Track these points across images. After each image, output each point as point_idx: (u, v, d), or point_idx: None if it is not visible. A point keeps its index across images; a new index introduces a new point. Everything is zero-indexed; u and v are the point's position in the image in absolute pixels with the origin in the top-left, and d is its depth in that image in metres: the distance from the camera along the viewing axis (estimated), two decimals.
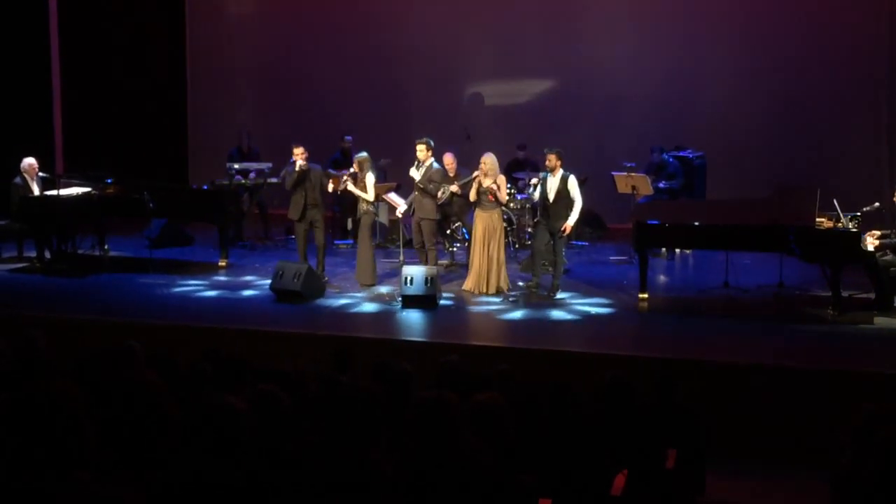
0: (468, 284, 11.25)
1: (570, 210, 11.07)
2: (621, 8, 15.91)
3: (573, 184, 11.11)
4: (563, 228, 11.06)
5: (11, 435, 2.86)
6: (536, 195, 11.25)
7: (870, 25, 14.96)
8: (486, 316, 10.49)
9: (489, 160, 11.14)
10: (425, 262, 11.40)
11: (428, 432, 4.03)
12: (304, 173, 11.55)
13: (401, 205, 12.33)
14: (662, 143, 13.86)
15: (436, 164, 11.66)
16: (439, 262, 12.26)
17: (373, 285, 11.50)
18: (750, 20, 15.43)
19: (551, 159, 11.05)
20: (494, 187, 11.10)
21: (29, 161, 12.76)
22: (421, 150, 11.58)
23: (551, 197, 11.03)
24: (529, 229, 12.96)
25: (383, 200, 12.59)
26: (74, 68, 16.73)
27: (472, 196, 11.21)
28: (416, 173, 11.59)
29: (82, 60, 16.79)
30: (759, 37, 15.36)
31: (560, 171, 11.06)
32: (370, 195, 11.46)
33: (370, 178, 11.48)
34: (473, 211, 11.40)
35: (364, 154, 11.66)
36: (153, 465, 3.41)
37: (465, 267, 11.68)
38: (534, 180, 11.09)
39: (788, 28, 15.25)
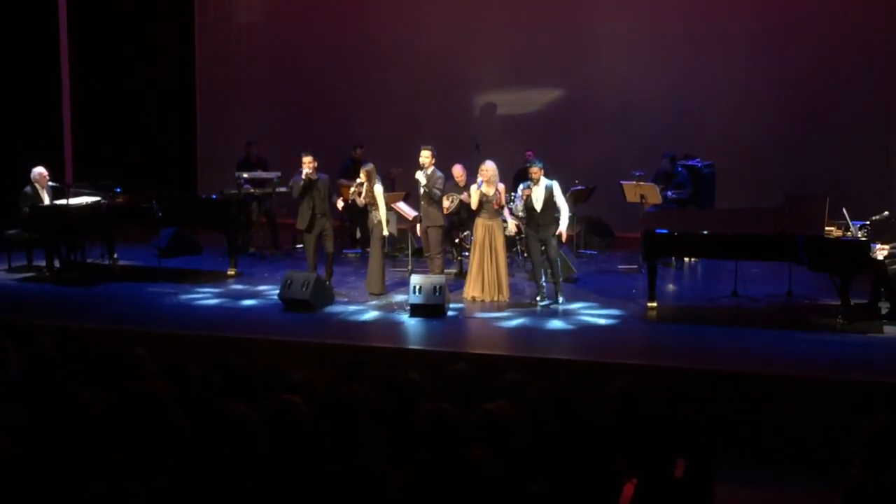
0: (475, 292, 11.25)
1: (558, 217, 11.13)
2: (631, 17, 15.92)
3: (557, 191, 11.16)
4: (558, 234, 11.11)
5: (29, 445, 2.87)
6: (520, 206, 11.26)
7: (878, 35, 14.95)
8: (494, 325, 10.49)
9: (491, 168, 11.19)
10: (439, 271, 11.43)
11: (434, 444, 4.04)
12: (310, 183, 11.57)
13: (411, 214, 12.35)
14: (669, 150, 13.83)
15: (438, 172, 11.68)
16: (448, 270, 12.28)
17: (382, 294, 11.51)
18: (759, 30, 15.44)
19: (535, 172, 11.09)
20: (498, 195, 11.16)
21: (39, 170, 12.81)
22: (426, 157, 11.60)
23: (538, 207, 11.08)
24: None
25: (392, 209, 12.59)
26: (84, 78, 16.79)
27: (475, 204, 11.24)
28: (422, 177, 11.60)
29: (92, 70, 16.85)
30: (768, 46, 15.37)
31: (543, 181, 11.09)
32: (381, 207, 11.47)
33: (378, 189, 11.50)
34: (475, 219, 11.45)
35: (370, 165, 11.68)
36: (161, 474, 3.41)
37: None
38: (523, 192, 11.10)
39: (797, 38, 15.25)
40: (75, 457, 2.82)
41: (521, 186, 11.31)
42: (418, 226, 11.94)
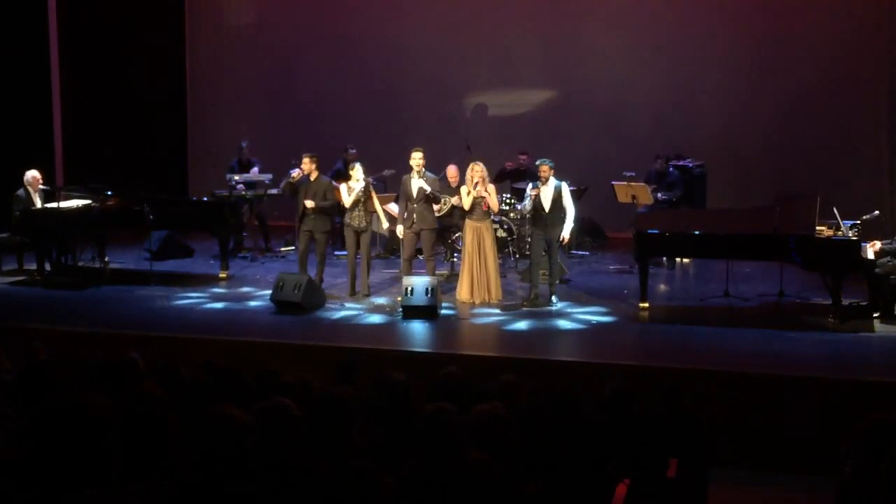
0: (465, 295, 11.23)
1: (565, 218, 11.13)
2: (621, 18, 15.95)
3: (566, 192, 11.16)
4: (561, 238, 11.11)
5: (24, 448, 2.87)
6: (528, 206, 11.24)
7: (871, 35, 15.00)
8: (487, 326, 10.49)
9: (482, 169, 11.16)
10: (408, 273, 11.33)
11: (432, 445, 4.04)
12: (301, 182, 11.63)
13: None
14: (662, 151, 13.83)
15: (430, 174, 11.63)
16: (439, 272, 12.27)
17: (368, 296, 11.50)
18: (751, 30, 15.47)
19: (544, 170, 11.07)
20: (486, 195, 11.12)
21: (32, 174, 12.79)
22: (421, 159, 11.48)
23: (547, 207, 11.07)
24: (529, 239, 12.93)
25: (384, 212, 12.56)
26: (74, 80, 16.76)
27: (467, 205, 11.21)
28: (423, 183, 11.45)
29: (82, 72, 16.82)
30: (759, 47, 15.40)
31: (553, 181, 11.09)
32: (378, 208, 11.48)
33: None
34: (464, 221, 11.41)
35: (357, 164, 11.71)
36: (157, 477, 3.41)
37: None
38: (532, 192, 11.08)
39: (789, 38, 15.28)
40: (71, 459, 2.82)
41: (530, 186, 11.28)
42: (399, 228, 11.68)
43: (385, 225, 11.73)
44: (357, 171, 11.52)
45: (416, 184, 11.42)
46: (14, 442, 4.06)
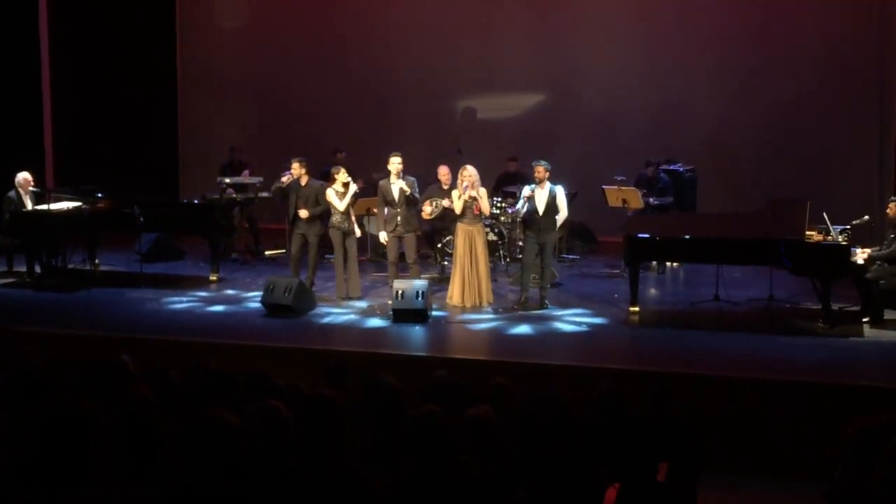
0: (456, 298, 11.21)
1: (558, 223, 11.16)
2: (613, 22, 15.96)
3: (561, 196, 11.16)
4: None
5: (24, 449, 2.87)
6: (523, 209, 11.23)
7: (861, 41, 15.03)
8: (478, 330, 10.49)
9: (474, 172, 11.14)
10: (394, 276, 11.31)
11: (424, 448, 4.04)
12: (291, 186, 11.67)
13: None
14: (652, 157, 13.83)
15: (409, 177, 11.56)
16: (430, 275, 12.26)
17: (360, 298, 11.50)
18: (742, 35, 15.49)
19: (540, 171, 11.06)
20: (477, 198, 11.11)
21: (24, 175, 12.76)
22: (399, 163, 11.42)
23: (541, 210, 11.05)
24: (520, 243, 12.92)
25: (374, 214, 12.56)
26: (65, 82, 16.71)
27: (459, 209, 11.19)
28: (404, 185, 11.43)
29: (72, 75, 16.78)
30: (750, 51, 15.43)
31: (548, 184, 11.09)
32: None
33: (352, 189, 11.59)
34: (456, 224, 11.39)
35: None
36: (150, 478, 3.41)
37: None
38: (526, 193, 11.08)
39: (780, 44, 15.32)
40: (62, 461, 2.82)
41: (526, 188, 11.27)
42: (382, 234, 11.69)
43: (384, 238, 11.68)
44: (343, 174, 11.51)
45: (396, 188, 11.41)
46: (4, 444, 4.05)
